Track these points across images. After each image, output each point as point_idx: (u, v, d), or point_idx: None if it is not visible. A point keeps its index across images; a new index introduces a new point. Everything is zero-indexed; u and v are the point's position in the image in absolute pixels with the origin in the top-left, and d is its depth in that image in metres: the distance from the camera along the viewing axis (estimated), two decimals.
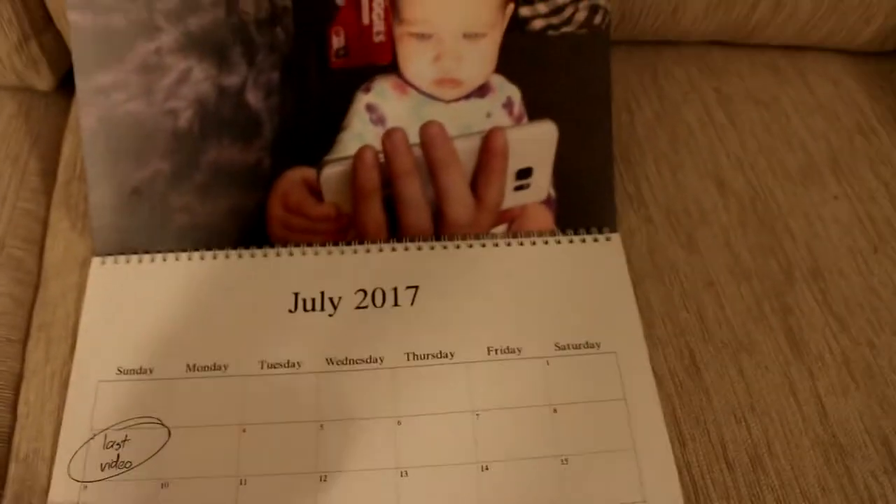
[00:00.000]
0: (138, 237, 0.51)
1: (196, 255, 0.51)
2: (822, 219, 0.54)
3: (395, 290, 0.50)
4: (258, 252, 0.51)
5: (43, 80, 0.59)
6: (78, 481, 0.44)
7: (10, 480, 0.45)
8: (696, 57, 0.62)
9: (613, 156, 0.52)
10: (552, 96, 0.51)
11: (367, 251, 0.51)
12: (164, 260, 0.50)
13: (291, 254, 0.51)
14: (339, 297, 0.49)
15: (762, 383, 0.47)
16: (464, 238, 0.51)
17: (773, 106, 0.59)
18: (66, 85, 0.61)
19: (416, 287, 0.50)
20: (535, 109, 0.51)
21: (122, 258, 0.50)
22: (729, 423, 0.46)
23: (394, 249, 0.51)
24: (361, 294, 0.49)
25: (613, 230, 0.52)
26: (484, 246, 0.51)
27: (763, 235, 0.53)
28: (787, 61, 0.62)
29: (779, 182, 0.55)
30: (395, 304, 0.49)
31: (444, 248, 0.51)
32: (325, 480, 0.44)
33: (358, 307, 0.49)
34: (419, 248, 0.51)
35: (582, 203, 0.52)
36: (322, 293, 0.49)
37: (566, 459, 0.44)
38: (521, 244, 0.51)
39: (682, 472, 0.44)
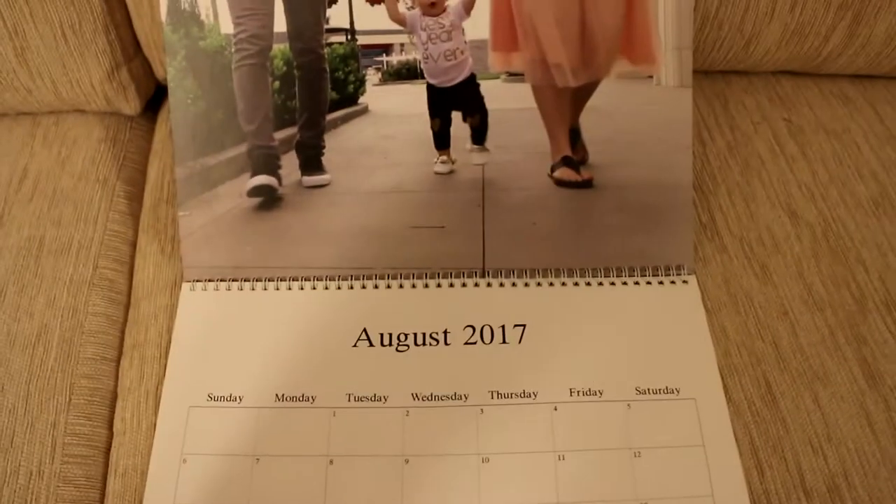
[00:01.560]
0: None
1: (283, 284, 0.52)
2: (895, 249, 0.54)
3: (490, 328, 0.50)
4: (356, 283, 0.52)
5: (130, 105, 0.61)
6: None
7: (110, 494, 0.47)
8: (766, 86, 0.63)
9: (693, 197, 0.53)
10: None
11: (463, 285, 0.52)
12: (253, 289, 0.52)
13: (389, 286, 0.52)
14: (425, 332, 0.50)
15: (838, 413, 0.48)
16: (544, 276, 0.52)
17: (844, 136, 0.60)
18: (150, 109, 0.64)
19: (503, 326, 0.51)
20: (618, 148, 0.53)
21: (210, 285, 0.52)
22: (806, 453, 0.47)
23: (483, 285, 0.52)
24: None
25: (691, 272, 0.53)
26: (564, 285, 0.52)
27: (836, 266, 0.53)
28: (856, 91, 0.63)
29: (850, 212, 0.56)
30: (484, 343, 0.50)
31: (526, 285, 0.52)
32: None
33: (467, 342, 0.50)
34: (501, 285, 0.52)
35: (661, 243, 0.53)
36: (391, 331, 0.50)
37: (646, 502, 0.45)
38: (601, 284, 0.52)
39: (759, 499, 0.45)
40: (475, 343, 0.50)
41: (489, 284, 0.52)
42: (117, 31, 0.57)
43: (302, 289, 0.52)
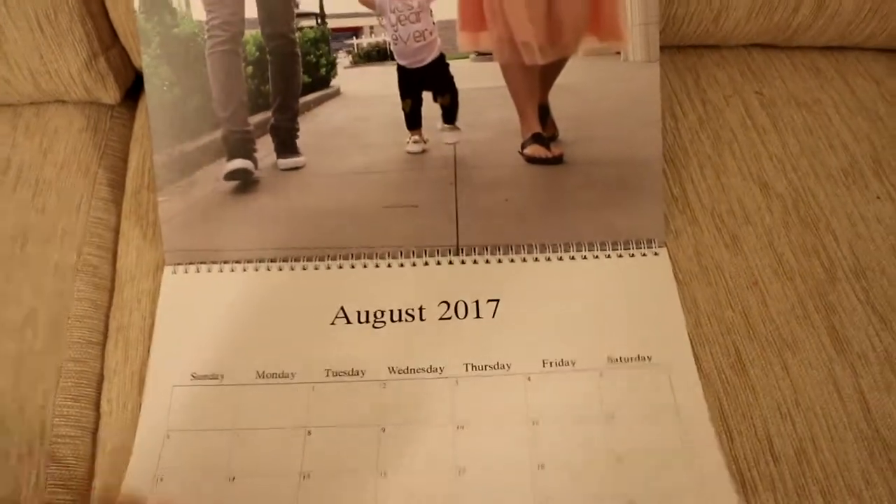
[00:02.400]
0: None
1: (263, 265, 0.53)
2: (865, 219, 0.55)
3: (464, 303, 0.52)
4: (332, 263, 0.53)
5: (109, 94, 0.61)
6: (153, 476, 0.47)
7: (99, 471, 0.48)
8: (738, 60, 0.63)
9: (663, 169, 0.54)
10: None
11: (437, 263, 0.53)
12: (233, 270, 0.53)
13: (365, 266, 0.53)
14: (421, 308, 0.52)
15: (806, 380, 0.49)
16: (517, 252, 0.53)
17: (815, 107, 0.60)
18: (130, 97, 0.64)
19: (477, 301, 0.52)
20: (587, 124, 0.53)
21: (192, 267, 0.54)
22: (775, 419, 0.48)
23: (457, 262, 0.53)
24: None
25: (662, 245, 0.54)
26: (536, 260, 0.53)
27: (806, 235, 0.54)
28: (828, 62, 0.63)
29: (821, 183, 0.57)
30: (458, 318, 0.51)
31: (500, 262, 0.53)
32: (384, 476, 0.46)
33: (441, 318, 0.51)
34: (475, 262, 0.53)
35: (631, 217, 0.54)
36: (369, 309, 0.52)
37: (621, 458, 0.46)
38: (573, 258, 0.53)
39: (729, 464, 0.46)
40: (450, 318, 0.51)
41: (463, 262, 0.53)
42: (93, 21, 0.58)
43: (280, 269, 0.53)
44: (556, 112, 0.55)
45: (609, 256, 0.53)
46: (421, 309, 0.51)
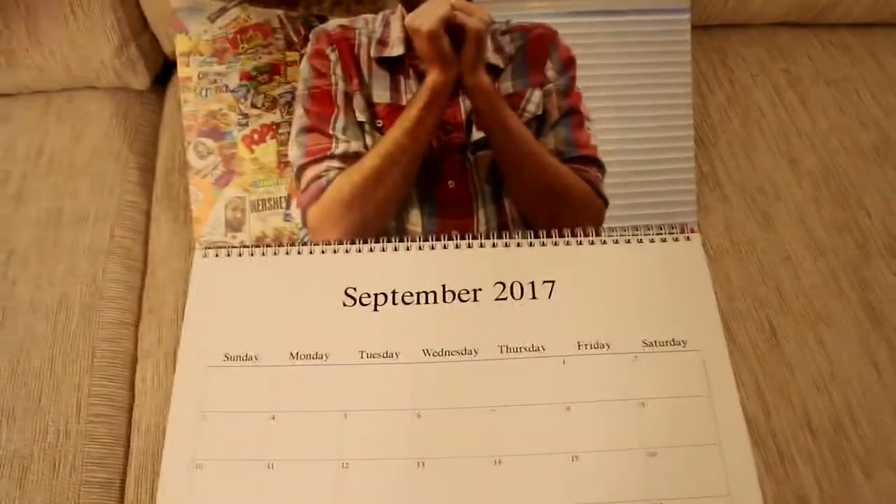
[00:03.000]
0: None
1: (294, 248, 0.53)
2: None
3: (502, 284, 0.51)
4: (363, 247, 0.53)
5: (139, 80, 0.62)
6: (190, 461, 0.46)
7: (134, 451, 0.49)
8: (765, 39, 0.63)
9: (695, 154, 0.54)
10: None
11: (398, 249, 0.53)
12: (264, 254, 0.53)
13: (396, 249, 0.53)
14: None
15: (842, 353, 0.49)
16: (549, 236, 0.53)
17: (844, 85, 0.60)
18: (159, 83, 0.65)
19: (513, 284, 0.51)
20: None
21: (223, 251, 0.54)
22: (811, 393, 0.47)
23: (506, 245, 0.53)
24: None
25: (694, 230, 0.53)
26: (568, 244, 0.53)
27: (837, 211, 0.54)
28: (856, 39, 0.63)
29: (852, 160, 0.56)
30: (494, 300, 0.51)
31: (531, 245, 0.53)
32: (422, 467, 0.46)
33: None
34: (506, 245, 0.53)
35: (665, 204, 0.53)
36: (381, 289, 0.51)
37: (654, 452, 0.46)
38: (605, 242, 0.53)
39: (767, 438, 0.46)
40: (483, 301, 0.51)
41: (506, 245, 0.53)
42: (125, 8, 0.59)
43: (311, 253, 0.53)
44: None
45: (641, 242, 0.53)
46: (452, 291, 0.51)
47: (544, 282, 0.51)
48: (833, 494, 0.45)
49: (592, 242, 0.53)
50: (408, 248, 0.53)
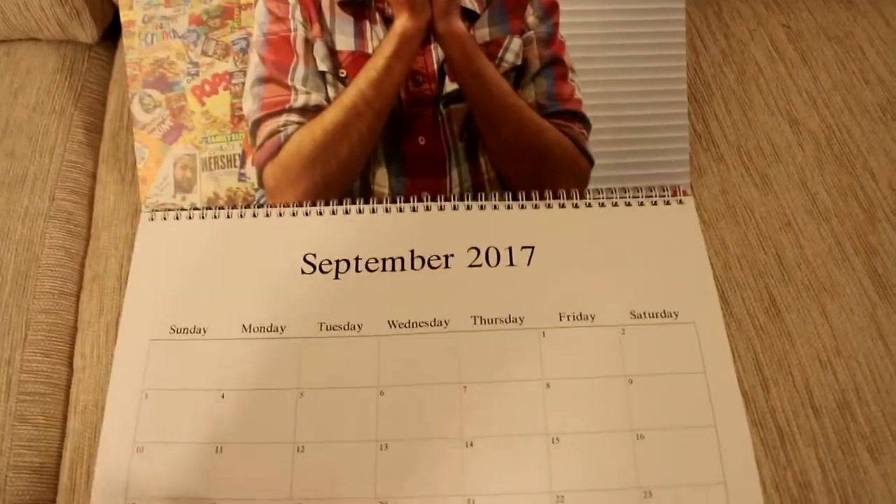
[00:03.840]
0: None
1: (248, 211, 0.49)
2: None
3: (477, 249, 0.47)
4: (324, 209, 0.49)
5: (86, 32, 0.57)
6: (130, 443, 0.42)
7: (70, 432, 0.44)
8: None
9: (688, 111, 0.50)
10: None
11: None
12: (216, 217, 0.49)
13: (360, 211, 0.49)
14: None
15: (847, 326, 0.45)
16: (528, 199, 0.49)
17: (848, 41, 0.56)
18: (109, 37, 0.60)
19: (489, 249, 0.47)
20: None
21: (171, 214, 0.49)
22: (814, 368, 0.44)
23: (482, 208, 0.49)
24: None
25: (687, 192, 0.50)
26: (549, 207, 0.49)
27: (842, 174, 0.50)
28: None
29: (856, 119, 0.52)
30: (469, 266, 0.47)
31: (509, 208, 0.49)
32: (385, 448, 0.42)
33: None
34: (482, 208, 0.49)
35: (654, 161, 0.49)
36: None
37: (642, 435, 0.42)
38: (589, 205, 0.49)
39: (766, 417, 0.42)
40: (455, 268, 0.46)
41: (481, 207, 0.49)
42: None
43: (268, 215, 0.49)
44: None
45: (629, 204, 0.49)
46: (418, 257, 0.47)
47: (523, 247, 0.47)
48: (838, 479, 0.41)
49: (576, 205, 0.49)
50: (373, 211, 0.49)
